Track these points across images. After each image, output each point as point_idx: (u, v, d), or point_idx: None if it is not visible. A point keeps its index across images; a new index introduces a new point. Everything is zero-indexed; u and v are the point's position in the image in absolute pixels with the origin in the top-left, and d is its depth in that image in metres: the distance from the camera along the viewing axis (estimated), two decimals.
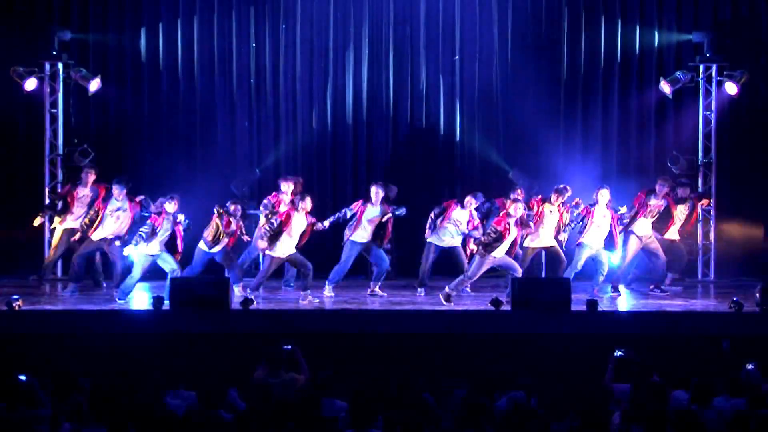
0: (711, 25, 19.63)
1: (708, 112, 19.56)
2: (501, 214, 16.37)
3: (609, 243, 17.06)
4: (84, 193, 17.27)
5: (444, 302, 15.87)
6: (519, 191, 17.24)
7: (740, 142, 19.75)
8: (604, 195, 16.86)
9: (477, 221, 17.00)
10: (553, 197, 16.92)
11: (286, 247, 16.26)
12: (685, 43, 19.79)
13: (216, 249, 16.71)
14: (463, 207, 17.09)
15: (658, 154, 19.57)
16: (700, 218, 19.15)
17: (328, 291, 16.94)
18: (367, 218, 17.00)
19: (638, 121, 19.99)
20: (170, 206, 16.16)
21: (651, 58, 19.94)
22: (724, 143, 19.76)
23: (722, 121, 19.64)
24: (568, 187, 17.01)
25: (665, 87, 19.23)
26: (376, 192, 17.07)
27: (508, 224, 15.92)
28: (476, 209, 17.18)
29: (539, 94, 19.97)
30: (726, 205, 19.58)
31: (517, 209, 16.06)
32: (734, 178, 19.70)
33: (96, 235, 16.60)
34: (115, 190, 16.63)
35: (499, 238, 15.91)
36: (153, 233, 16.00)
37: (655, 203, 17.18)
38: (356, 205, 17.11)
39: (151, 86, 19.86)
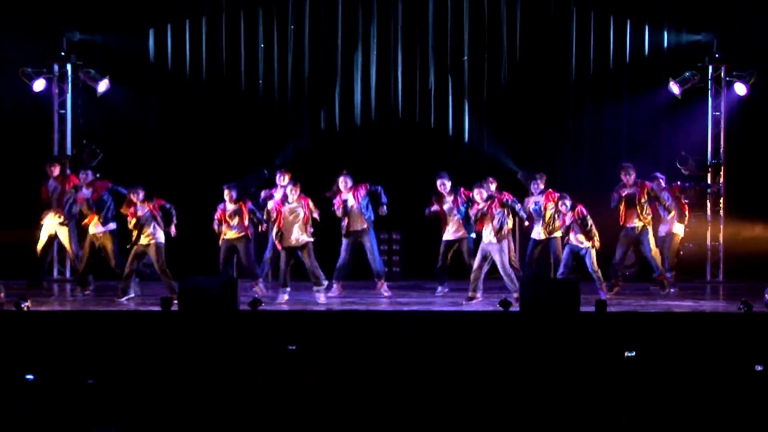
0: (720, 26, 19.59)
1: (717, 113, 19.52)
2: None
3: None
4: (54, 186, 17.36)
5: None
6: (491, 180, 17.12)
7: (749, 143, 19.70)
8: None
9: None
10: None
11: (292, 239, 16.25)
12: (694, 43, 19.77)
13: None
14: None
15: (667, 155, 19.51)
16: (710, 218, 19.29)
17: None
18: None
19: (647, 121, 19.94)
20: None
21: (660, 58, 19.90)
22: (734, 144, 19.72)
23: (731, 122, 19.61)
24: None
25: (674, 87, 19.21)
26: (344, 181, 17.17)
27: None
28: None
29: (548, 94, 19.96)
30: (735, 206, 19.53)
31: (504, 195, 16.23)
32: (743, 178, 19.65)
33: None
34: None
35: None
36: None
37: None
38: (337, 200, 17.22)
39: (159, 87, 19.89)
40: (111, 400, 10.39)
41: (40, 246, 17.54)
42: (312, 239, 16.38)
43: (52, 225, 17.51)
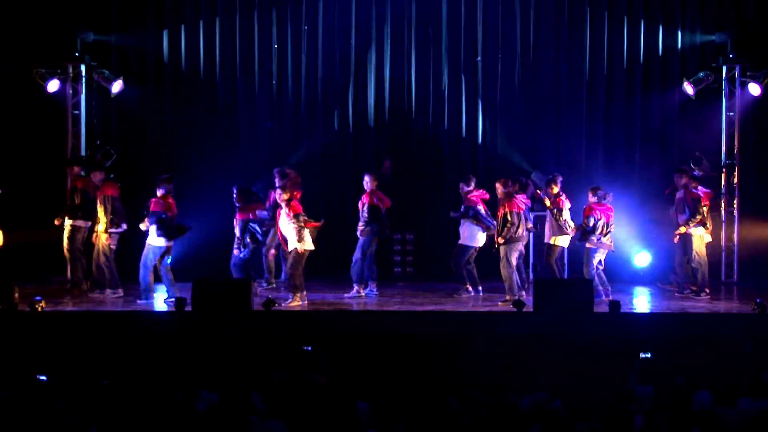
0: (734, 26, 19.55)
1: (731, 113, 19.48)
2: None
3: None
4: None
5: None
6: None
7: (764, 143, 19.66)
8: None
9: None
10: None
11: (310, 241, 16.22)
12: (708, 43, 19.74)
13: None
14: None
15: (681, 155, 19.48)
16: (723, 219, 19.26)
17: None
18: None
19: (661, 121, 19.92)
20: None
21: (674, 58, 19.87)
22: (748, 144, 19.68)
23: (745, 122, 19.55)
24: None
25: (688, 88, 19.18)
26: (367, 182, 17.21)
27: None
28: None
29: (561, 95, 19.96)
30: (750, 206, 19.48)
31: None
32: (758, 179, 19.61)
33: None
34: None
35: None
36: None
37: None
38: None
39: (173, 88, 19.91)
40: (125, 400, 10.41)
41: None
42: None
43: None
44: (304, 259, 16.03)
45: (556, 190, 16.99)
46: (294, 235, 15.91)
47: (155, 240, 16.23)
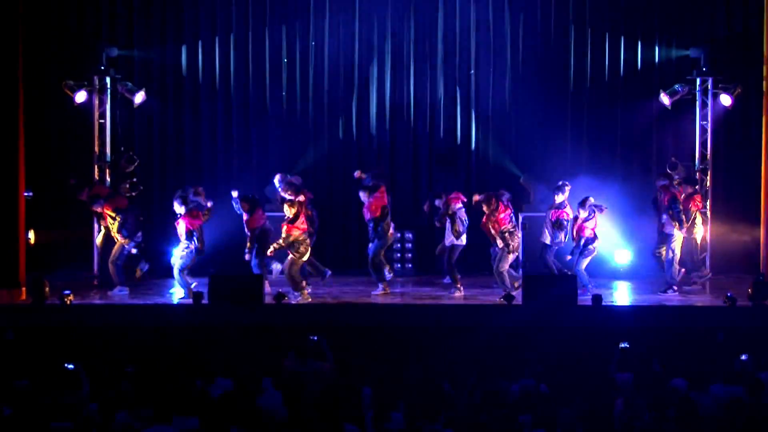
0: (707, 42, 19.55)
1: (704, 122, 19.46)
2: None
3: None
4: None
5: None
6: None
7: (734, 149, 19.70)
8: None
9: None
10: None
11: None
12: (683, 58, 19.71)
13: None
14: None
15: (659, 161, 19.52)
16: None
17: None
18: None
19: (640, 130, 19.94)
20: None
21: (652, 72, 19.90)
22: (719, 150, 19.68)
23: (717, 130, 19.55)
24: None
25: (665, 99, 19.17)
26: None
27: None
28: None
29: (548, 105, 19.98)
30: (721, 207, 19.48)
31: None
32: (728, 182, 19.64)
33: None
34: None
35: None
36: None
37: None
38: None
39: (191, 99, 19.97)
40: (148, 385, 10.45)
41: None
42: None
43: None
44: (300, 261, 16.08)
45: (561, 198, 16.91)
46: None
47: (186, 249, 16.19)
